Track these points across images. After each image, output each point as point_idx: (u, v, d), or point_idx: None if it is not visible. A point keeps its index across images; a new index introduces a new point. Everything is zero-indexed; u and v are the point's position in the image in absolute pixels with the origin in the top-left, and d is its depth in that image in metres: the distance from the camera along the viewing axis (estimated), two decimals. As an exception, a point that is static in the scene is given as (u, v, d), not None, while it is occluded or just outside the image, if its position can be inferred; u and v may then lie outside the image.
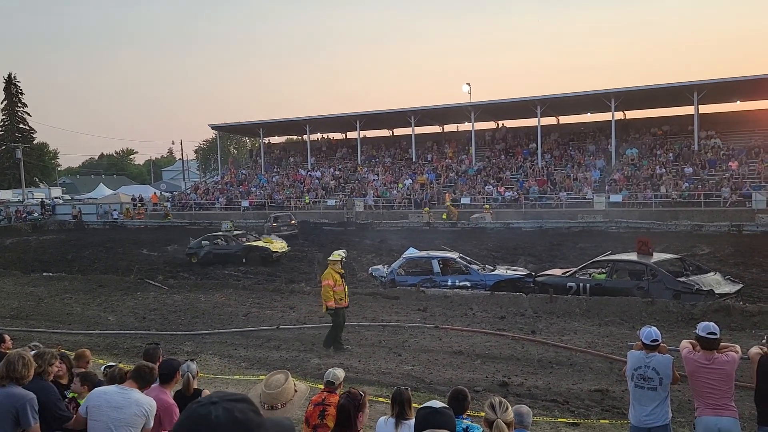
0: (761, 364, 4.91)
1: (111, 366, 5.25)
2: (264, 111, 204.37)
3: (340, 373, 5.28)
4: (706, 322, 5.17)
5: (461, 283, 14.62)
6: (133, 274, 19.33)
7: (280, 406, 3.27)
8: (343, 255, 11.35)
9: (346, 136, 51.94)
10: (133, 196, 52.76)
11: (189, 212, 45.27)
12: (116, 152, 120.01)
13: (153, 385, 4.94)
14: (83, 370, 5.70)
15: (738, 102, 39.44)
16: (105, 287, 17.28)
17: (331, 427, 4.43)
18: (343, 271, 11.13)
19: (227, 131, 60.52)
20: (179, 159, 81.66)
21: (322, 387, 5.28)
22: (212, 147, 73.03)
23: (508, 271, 15.36)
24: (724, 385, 4.97)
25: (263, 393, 3.35)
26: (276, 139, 57.53)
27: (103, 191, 65.26)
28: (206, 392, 5.65)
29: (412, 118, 42.30)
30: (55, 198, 64.86)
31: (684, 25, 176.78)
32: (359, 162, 45.57)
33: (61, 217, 47.27)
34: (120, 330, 12.78)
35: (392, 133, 50.41)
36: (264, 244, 23.28)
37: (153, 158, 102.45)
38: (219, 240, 24.01)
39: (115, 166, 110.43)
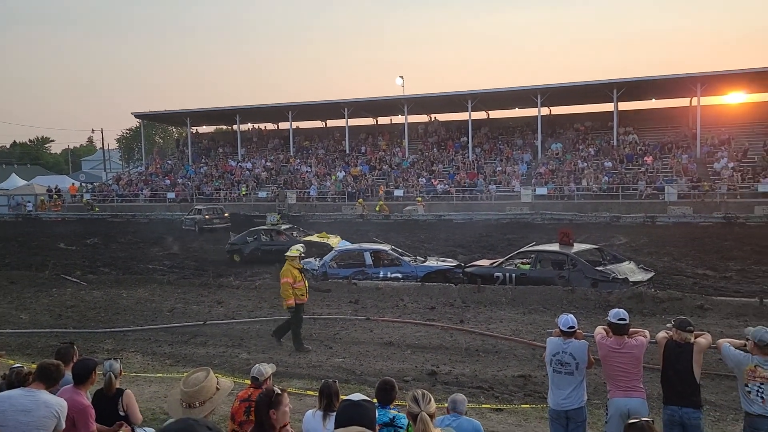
0: (667, 348, 5.22)
1: (16, 368, 4.92)
2: (192, 100, 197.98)
3: (267, 368, 5.20)
4: (617, 309, 5.44)
5: (393, 275, 14.75)
6: (48, 269, 18.32)
7: (198, 404, 3.19)
8: (302, 250, 11.16)
9: (278, 126, 51.18)
10: (49, 187, 49.90)
11: (111, 204, 43.41)
12: (30, 140, 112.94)
13: (67, 386, 4.70)
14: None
15: (653, 100, 41.67)
16: (17, 284, 16.29)
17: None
18: (302, 266, 10.94)
19: (152, 120, 58.28)
20: (100, 148, 77.97)
21: (249, 383, 5.20)
22: (135, 136, 70.03)
23: (439, 263, 15.62)
24: (633, 368, 5.24)
25: (181, 391, 3.26)
26: (204, 129, 56.02)
27: (15, 182, 61.27)
28: (128, 392, 5.45)
29: (346, 109, 42.20)
30: (-38, 189, 60.49)
31: (606, 25, 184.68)
32: (292, 153, 45.04)
33: (-32, 210, 44.23)
34: (34, 329, 12.09)
35: (325, 124, 50.12)
36: (320, 239, 20.64)
37: (71, 147, 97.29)
38: (265, 235, 21.57)
39: (28, 155, 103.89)
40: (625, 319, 5.26)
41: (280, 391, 3.62)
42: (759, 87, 37.11)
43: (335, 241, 20.34)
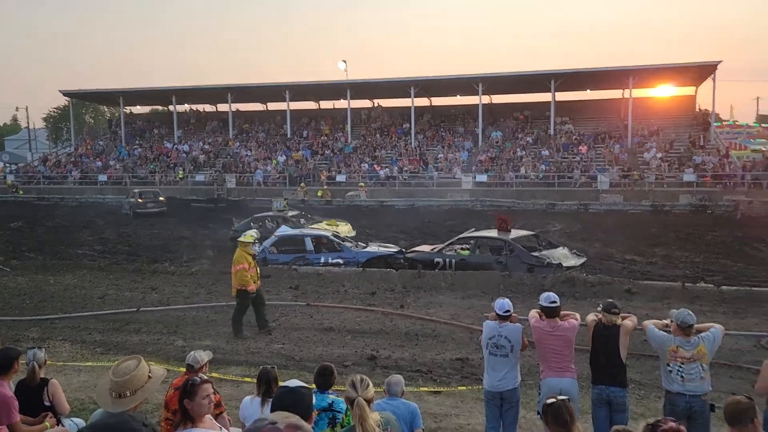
0: (596, 330, 5.44)
1: None
2: (126, 79, 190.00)
3: (203, 355, 5.10)
4: (548, 293, 5.63)
5: (334, 261, 14.71)
6: (-32, 254, 17.29)
7: (129, 394, 3.08)
8: (256, 236, 10.92)
9: (217, 108, 49.86)
10: (-32, 167, 46.94)
11: (37, 186, 41.28)
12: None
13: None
14: None
15: (588, 91, 43.07)
16: (-69, 270, 15.30)
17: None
18: (254, 253, 10.71)
19: (82, 98, 55.60)
20: (25, 127, 73.82)
21: (184, 370, 5.08)
22: (64, 115, 66.53)
23: (380, 248, 15.69)
24: (565, 350, 5.45)
25: (111, 380, 3.14)
26: (138, 110, 53.88)
27: (-70, 161, 57.31)
28: (54, 381, 5.22)
29: (288, 93, 41.55)
30: None
31: (546, 17, 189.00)
32: (231, 136, 44.01)
33: None
34: (-49, 317, 11.39)
35: (266, 107, 49.21)
36: (329, 227, 19.09)
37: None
38: (269, 222, 20.30)
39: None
40: (556, 302, 5.45)
41: (198, 381, 3.50)
42: (685, 81, 38.98)
43: (345, 229, 19.60)
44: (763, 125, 52.43)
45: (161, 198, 30.85)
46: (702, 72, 35.76)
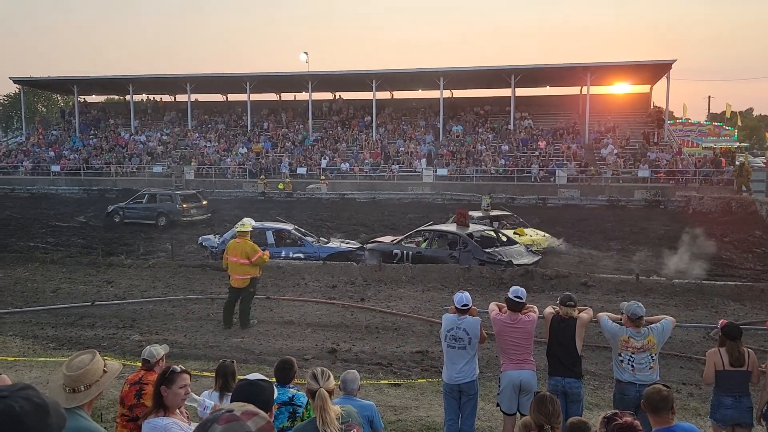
0: (552, 322, 5.57)
1: None
2: (81, 67, 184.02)
3: (159, 349, 5.01)
4: (517, 287, 5.73)
5: (295, 255, 14.63)
6: None
7: (83, 388, 3.01)
8: (254, 224, 10.84)
9: (175, 99, 48.75)
10: None
11: (-15, 176, 39.64)
12: None
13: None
14: None
15: (548, 87, 43.80)
16: None
17: (149, 406, 4.19)
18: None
19: (34, 86, 53.51)
20: (-27, 115, 70.83)
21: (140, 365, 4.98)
22: (15, 103, 64.08)
23: (342, 244, 15.70)
24: (525, 342, 5.56)
25: (64, 375, 3.06)
26: (94, 99, 52.23)
27: None
28: (3, 377, 5.05)
29: (248, 84, 40.93)
30: None
31: (507, 14, 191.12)
32: (190, 127, 43.13)
33: None
34: None
35: (226, 98, 48.39)
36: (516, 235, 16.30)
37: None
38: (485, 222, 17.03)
39: None
40: (521, 298, 5.54)
41: (178, 369, 3.50)
42: (641, 79, 40.05)
43: (540, 239, 17.01)
44: (714, 123, 54.37)
45: (204, 202, 25.30)
46: (657, 70, 36.77)
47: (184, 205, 23.50)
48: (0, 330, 9.90)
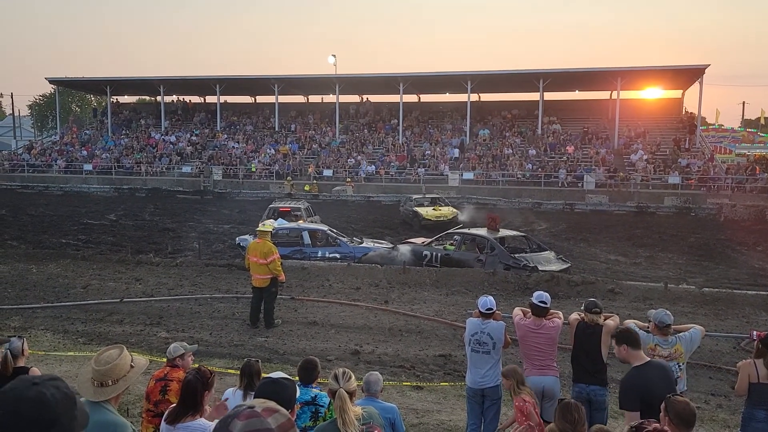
0: (578, 329, 5.49)
1: None
2: (114, 68, 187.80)
3: (177, 347, 5.08)
4: (541, 292, 5.67)
5: (331, 255, 14.71)
6: (-52, 242, 17.03)
7: (111, 383, 3.07)
8: (275, 225, 10.93)
9: (204, 100, 49.45)
10: (-48, 153, 46.15)
11: (21, 174, 40.73)
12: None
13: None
14: None
15: (576, 91, 43.29)
16: None
17: (173, 403, 4.26)
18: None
19: (68, 87, 54.87)
20: (10, 114, 72.73)
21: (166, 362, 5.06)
22: (50, 103, 65.67)
23: (375, 244, 15.81)
24: (548, 348, 5.50)
25: (93, 369, 3.12)
26: (126, 99, 53.25)
27: None
28: (34, 370, 5.17)
29: (276, 86, 41.30)
30: None
31: (536, 16, 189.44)
32: (218, 128, 43.72)
33: None
34: (-70, 305, 11.23)
35: (255, 100, 48.91)
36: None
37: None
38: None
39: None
40: (546, 303, 5.49)
41: (214, 374, 3.64)
42: (673, 84, 39.30)
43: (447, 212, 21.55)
44: (748, 130, 53.10)
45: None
46: (689, 75, 36.08)
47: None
48: (32, 324, 10.14)
